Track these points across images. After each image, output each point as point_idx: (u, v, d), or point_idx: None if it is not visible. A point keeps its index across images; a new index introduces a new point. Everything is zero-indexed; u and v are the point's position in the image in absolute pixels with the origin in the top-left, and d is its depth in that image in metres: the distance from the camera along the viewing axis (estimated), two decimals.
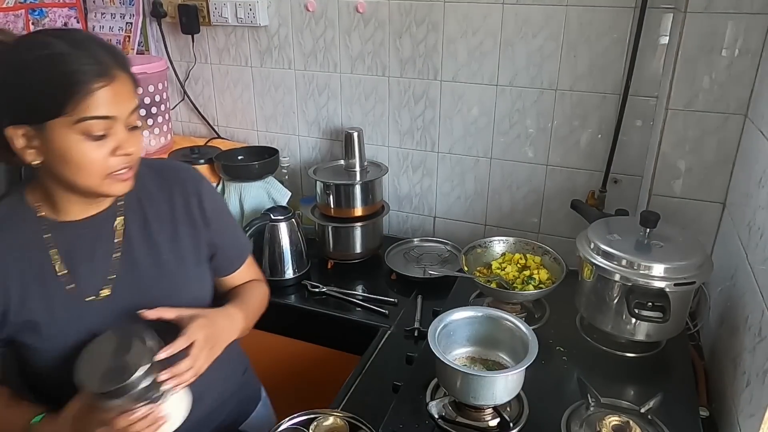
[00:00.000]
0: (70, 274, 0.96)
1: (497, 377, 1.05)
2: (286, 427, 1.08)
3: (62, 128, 0.84)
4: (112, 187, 0.91)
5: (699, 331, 1.46)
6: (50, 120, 0.83)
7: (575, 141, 1.67)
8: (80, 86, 0.82)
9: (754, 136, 1.26)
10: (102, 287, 0.98)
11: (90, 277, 0.97)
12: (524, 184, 1.78)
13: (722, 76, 1.33)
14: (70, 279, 0.96)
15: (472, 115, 1.76)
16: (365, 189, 1.76)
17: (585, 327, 1.38)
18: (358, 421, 1.08)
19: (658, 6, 1.46)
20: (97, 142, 0.86)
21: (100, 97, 0.84)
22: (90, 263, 0.97)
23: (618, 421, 1.05)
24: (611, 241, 1.25)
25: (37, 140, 0.86)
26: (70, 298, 0.96)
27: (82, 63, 0.83)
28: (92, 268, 0.98)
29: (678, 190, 1.46)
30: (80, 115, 0.83)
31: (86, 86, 0.82)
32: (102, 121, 0.85)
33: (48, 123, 0.83)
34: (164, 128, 1.92)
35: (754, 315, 1.09)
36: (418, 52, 1.75)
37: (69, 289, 0.96)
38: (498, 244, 1.56)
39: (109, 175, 0.89)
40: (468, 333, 1.20)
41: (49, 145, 0.85)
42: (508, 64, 1.66)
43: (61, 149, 0.85)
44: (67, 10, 2.03)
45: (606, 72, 1.57)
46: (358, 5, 1.76)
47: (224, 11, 1.91)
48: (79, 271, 0.97)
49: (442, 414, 1.11)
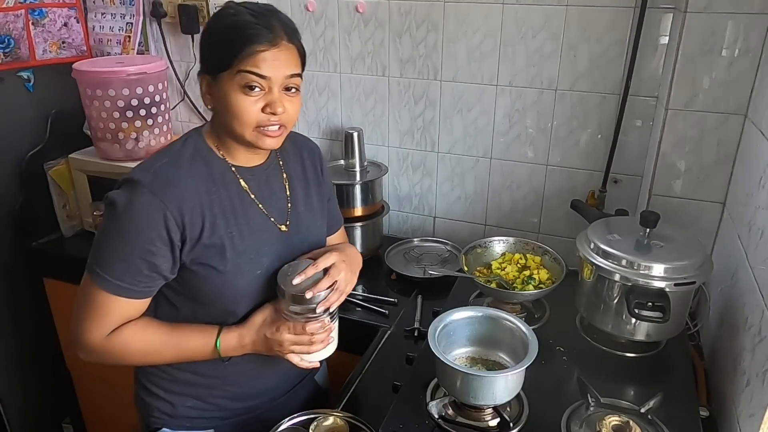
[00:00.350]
0: (262, 205, 1.11)
1: (497, 377, 1.05)
2: (286, 427, 1.08)
3: (228, 80, 0.99)
4: (259, 139, 1.03)
5: (699, 331, 1.46)
6: (221, 72, 0.99)
7: (575, 141, 1.67)
8: (247, 45, 0.97)
9: (754, 136, 1.26)
10: (282, 223, 1.13)
11: (275, 212, 1.12)
12: (524, 184, 1.78)
13: (722, 76, 1.33)
14: (264, 210, 1.11)
15: (472, 115, 1.76)
16: (365, 189, 1.76)
17: (585, 327, 1.38)
18: (358, 421, 1.08)
19: (658, 6, 1.46)
20: (251, 97, 0.99)
21: (261, 57, 0.98)
22: (271, 201, 1.13)
23: (618, 421, 1.05)
24: (611, 241, 1.25)
25: (213, 88, 1.02)
26: (267, 226, 1.11)
27: (255, 29, 0.98)
28: (274, 206, 1.13)
29: (678, 190, 1.46)
30: (241, 68, 0.98)
31: (252, 47, 0.97)
32: (257, 78, 0.98)
33: (220, 74, 1.00)
34: (164, 128, 1.92)
35: (754, 315, 1.09)
36: (418, 52, 1.75)
37: (265, 217, 1.11)
38: (498, 244, 1.56)
39: (258, 128, 1.02)
40: (468, 333, 1.20)
41: (217, 93, 1.02)
42: (508, 64, 1.66)
43: (224, 97, 1.00)
44: (67, 10, 2.03)
45: (606, 72, 1.57)
46: (358, 5, 1.76)
47: None
48: (268, 205, 1.12)
49: (442, 414, 1.10)
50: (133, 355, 1.07)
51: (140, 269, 0.99)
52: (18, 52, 1.92)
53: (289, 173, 1.18)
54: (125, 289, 1.00)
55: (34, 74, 1.98)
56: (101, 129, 1.83)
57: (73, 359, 2.17)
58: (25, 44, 1.93)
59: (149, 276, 1.01)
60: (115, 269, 0.99)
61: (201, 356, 1.08)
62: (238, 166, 1.09)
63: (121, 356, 1.06)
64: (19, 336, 2.12)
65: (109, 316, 1.02)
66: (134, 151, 1.86)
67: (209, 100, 1.05)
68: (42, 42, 1.97)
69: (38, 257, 2.01)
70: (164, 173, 1.01)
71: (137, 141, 1.85)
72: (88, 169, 1.91)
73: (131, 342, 1.05)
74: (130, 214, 0.97)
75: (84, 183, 1.93)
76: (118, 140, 1.83)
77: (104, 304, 1.01)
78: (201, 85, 1.05)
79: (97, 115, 1.81)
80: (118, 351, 1.05)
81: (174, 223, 0.98)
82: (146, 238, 0.97)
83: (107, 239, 0.99)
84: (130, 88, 1.79)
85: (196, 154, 1.06)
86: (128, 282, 1.00)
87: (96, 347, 1.04)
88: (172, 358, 1.09)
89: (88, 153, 1.93)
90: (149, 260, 0.99)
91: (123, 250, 0.98)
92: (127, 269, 0.99)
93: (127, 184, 0.99)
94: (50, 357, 2.20)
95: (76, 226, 2.04)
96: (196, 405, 1.17)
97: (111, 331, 1.03)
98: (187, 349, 1.07)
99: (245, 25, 0.98)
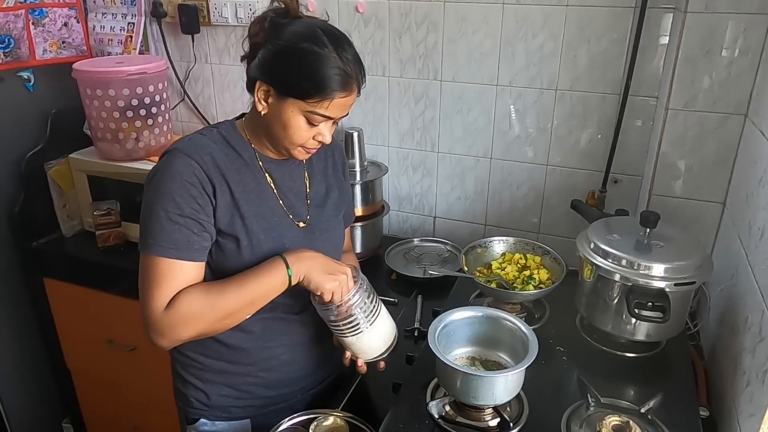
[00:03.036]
0: (282, 201, 1.15)
1: (497, 377, 1.05)
2: (286, 427, 1.08)
3: (295, 106, 1.03)
4: (299, 154, 1.11)
5: (699, 331, 1.46)
6: (292, 98, 1.02)
7: (575, 141, 1.67)
8: (328, 92, 1.01)
9: (754, 136, 1.26)
10: (301, 220, 1.17)
11: (294, 207, 1.17)
12: (524, 184, 1.78)
13: (722, 76, 1.33)
14: (284, 205, 1.15)
15: (472, 115, 1.76)
16: (365, 189, 1.76)
17: (585, 327, 1.38)
18: (358, 421, 1.08)
19: (658, 6, 1.46)
20: (309, 126, 1.06)
21: (335, 103, 1.03)
22: (291, 195, 1.17)
23: (618, 421, 1.05)
24: (611, 241, 1.25)
25: (272, 100, 1.05)
26: (287, 220, 1.15)
27: (337, 72, 1.01)
28: (293, 201, 1.17)
29: (678, 190, 1.46)
30: (313, 108, 1.03)
31: (332, 93, 1.02)
32: (324, 118, 1.05)
33: (289, 98, 1.03)
34: (164, 128, 1.92)
35: (754, 315, 1.09)
36: (418, 52, 1.75)
37: (285, 212, 1.15)
38: (498, 244, 1.56)
39: (301, 146, 1.09)
40: (468, 333, 1.20)
41: (277, 110, 1.05)
42: (508, 64, 1.66)
43: (284, 117, 1.05)
44: (67, 10, 2.02)
45: (606, 72, 1.57)
46: (358, 5, 1.76)
47: (224, 11, 1.91)
48: (287, 200, 1.16)
49: (442, 414, 1.10)
50: (203, 314, 1.04)
51: (191, 229, 1.03)
52: (18, 52, 1.92)
53: (311, 169, 1.22)
54: (182, 251, 1.03)
55: (34, 74, 1.98)
56: (101, 129, 1.83)
57: (73, 359, 2.17)
58: (25, 44, 1.93)
59: (200, 235, 1.04)
60: (167, 234, 1.02)
61: (274, 285, 1.06)
62: (265, 157, 1.14)
63: (192, 319, 1.03)
64: (19, 336, 2.12)
65: (170, 281, 1.03)
66: (134, 151, 1.86)
67: (261, 106, 1.06)
68: (42, 42, 1.97)
69: (38, 257, 2.01)
70: (197, 141, 1.08)
71: (137, 141, 1.85)
72: (88, 169, 1.91)
73: (195, 300, 1.03)
74: (172, 176, 1.02)
75: (84, 183, 1.93)
76: (118, 140, 1.83)
77: (164, 271, 1.02)
78: (258, 90, 1.05)
79: (97, 115, 1.82)
80: (185, 313, 1.02)
81: (208, 182, 1.04)
82: (190, 196, 1.02)
83: (154, 210, 1.02)
84: (130, 88, 1.79)
85: (228, 137, 1.12)
86: (183, 244, 1.03)
87: (165, 318, 1.02)
88: (242, 302, 1.06)
89: (88, 153, 1.93)
90: (197, 219, 1.03)
91: (172, 212, 1.02)
92: (179, 230, 1.02)
93: (164, 156, 1.06)
94: (50, 357, 2.20)
95: (76, 226, 2.04)
96: (230, 393, 1.20)
97: (171, 299, 1.03)
98: (258, 283, 1.06)
99: (329, 63, 1.00)
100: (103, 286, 1.91)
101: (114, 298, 1.89)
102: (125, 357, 1.98)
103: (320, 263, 1.08)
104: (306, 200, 1.20)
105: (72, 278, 1.98)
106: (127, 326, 1.94)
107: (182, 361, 1.21)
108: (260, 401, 1.22)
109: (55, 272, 2.01)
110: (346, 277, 1.07)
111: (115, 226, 1.90)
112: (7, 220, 1.99)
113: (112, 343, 1.99)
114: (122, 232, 1.91)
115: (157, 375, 1.29)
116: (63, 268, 2.00)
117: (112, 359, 2.03)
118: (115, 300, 1.89)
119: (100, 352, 2.03)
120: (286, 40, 1.02)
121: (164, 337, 1.04)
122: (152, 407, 2.02)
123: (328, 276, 1.06)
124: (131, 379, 2.04)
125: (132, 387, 2.07)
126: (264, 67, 1.04)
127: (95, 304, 1.96)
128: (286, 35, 1.02)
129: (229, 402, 1.21)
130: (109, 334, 1.99)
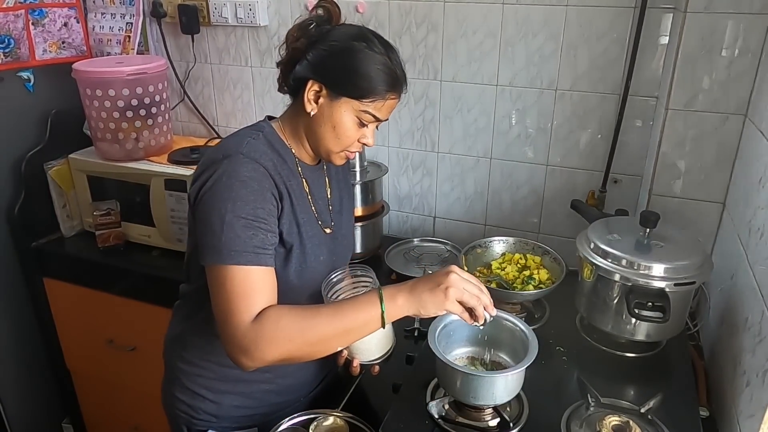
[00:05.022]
0: (314, 206, 1.14)
1: (497, 377, 1.05)
2: (286, 427, 1.08)
3: (348, 105, 1.03)
4: (337, 158, 1.11)
5: (699, 331, 1.46)
6: (346, 97, 1.02)
7: (575, 141, 1.67)
8: (382, 94, 1.03)
9: (754, 136, 1.26)
10: (327, 226, 1.17)
11: (321, 214, 1.16)
12: (524, 184, 1.78)
13: (722, 76, 1.33)
14: (316, 211, 1.15)
15: (472, 115, 1.76)
16: (365, 189, 1.76)
17: (585, 327, 1.38)
18: (358, 421, 1.08)
19: (658, 6, 1.46)
20: (359, 128, 1.06)
21: (386, 105, 1.05)
22: (319, 201, 1.16)
23: (618, 421, 1.05)
24: (611, 241, 1.25)
25: (323, 100, 1.04)
26: (318, 228, 1.14)
27: (390, 74, 1.03)
28: (320, 208, 1.16)
29: (678, 190, 1.46)
30: (366, 108, 1.03)
31: (386, 94, 1.03)
32: (375, 119, 1.06)
33: (342, 97, 1.02)
34: (164, 128, 1.92)
35: (754, 315, 1.09)
36: (418, 52, 1.75)
37: (316, 219, 1.14)
38: (498, 244, 1.56)
39: (344, 150, 1.09)
40: (468, 333, 1.20)
41: (329, 109, 1.04)
42: (508, 64, 1.66)
43: (335, 117, 1.04)
44: (67, 10, 2.02)
45: (606, 72, 1.57)
46: (358, 5, 1.76)
47: (224, 11, 1.91)
48: (318, 207, 1.16)
49: (442, 414, 1.10)
50: (292, 334, 0.94)
51: (266, 235, 0.99)
52: (18, 52, 1.92)
53: (330, 175, 1.23)
54: (261, 257, 0.97)
55: (34, 74, 1.98)
56: (101, 129, 1.83)
57: (73, 359, 2.17)
58: (25, 44, 1.93)
59: (272, 241, 1.01)
60: (244, 241, 0.96)
61: (366, 321, 0.97)
62: (302, 163, 1.14)
63: (279, 339, 0.94)
64: (19, 336, 2.12)
65: (254, 290, 0.96)
66: (134, 151, 1.86)
67: (311, 106, 1.05)
68: (42, 42, 1.97)
69: (38, 257, 2.01)
70: (256, 146, 1.04)
71: (137, 141, 1.85)
72: (88, 169, 1.91)
73: (285, 318, 0.95)
74: (242, 180, 0.98)
75: (84, 183, 1.93)
76: (118, 140, 1.83)
77: (245, 280, 0.95)
78: (309, 90, 1.04)
79: (97, 115, 1.82)
80: (272, 330, 0.93)
81: (275, 187, 1.03)
82: (263, 200, 1.00)
83: (225, 217, 0.96)
84: (130, 88, 1.79)
85: (273, 142, 1.09)
86: (261, 250, 0.97)
87: (251, 333, 0.93)
88: (337, 330, 0.97)
89: (88, 153, 1.93)
90: (270, 224, 1.00)
91: (247, 218, 0.96)
92: (254, 236, 0.97)
93: (220, 161, 0.99)
94: (50, 357, 2.20)
95: (76, 226, 2.04)
96: (243, 403, 1.19)
97: (258, 313, 0.95)
98: (357, 313, 0.97)
99: (383, 66, 1.02)
100: (103, 286, 1.91)
101: (114, 298, 1.89)
102: (125, 357, 1.98)
103: (418, 284, 0.98)
104: (328, 206, 1.20)
105: (72, 278, 1.98)
106: (127, 326, 1.94)
107: (189, 371, 1.18)
108: (268, 408, 1.21)
109: (55, 272, 2.01)
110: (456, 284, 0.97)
111: (115, 226, 1.90)
112: (7, 221, 1.99)
113: (112, 343, 1.99)
114: (122, 232, 1.91)
115: (158, 375, 1.28)
116: (63, 268, 2.00)
117: (112, 359, 2.03)
118: (115, 300, 1.89)
119: (100, 353, 2.03)
120: (339, 41, 1.03)
121: (247, 354, 0.94)
122: (152, 407, 2.00)
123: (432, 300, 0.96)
124: (131, 379, 2.04)
125: (132, 387, 2.07)
126: (317, 66, 1.03)
127: (95, 304, 1.96)
128: (337, 36, 1.03)
129: (240, 411, 1.20)
130: (109, 334, 1.99)
